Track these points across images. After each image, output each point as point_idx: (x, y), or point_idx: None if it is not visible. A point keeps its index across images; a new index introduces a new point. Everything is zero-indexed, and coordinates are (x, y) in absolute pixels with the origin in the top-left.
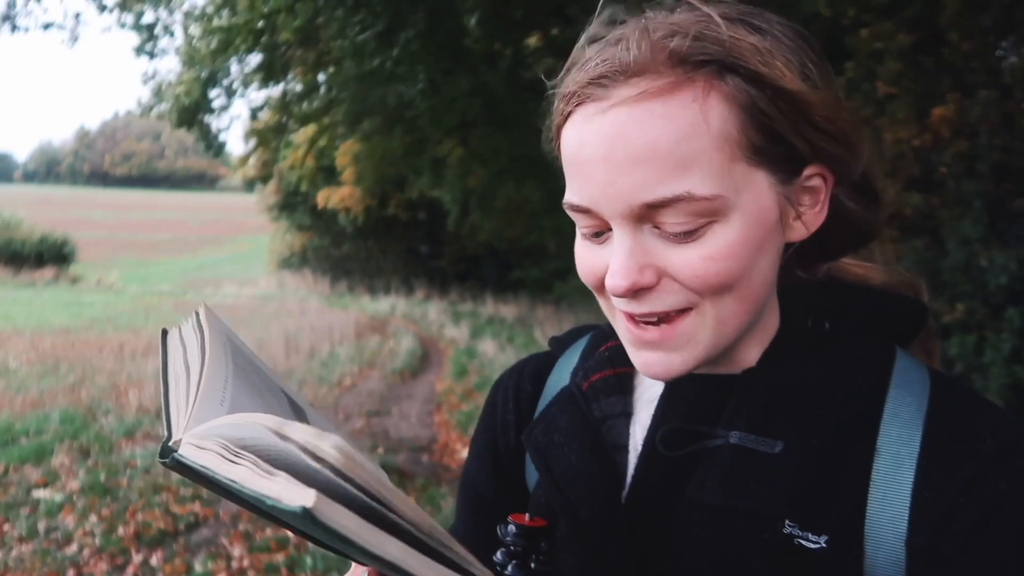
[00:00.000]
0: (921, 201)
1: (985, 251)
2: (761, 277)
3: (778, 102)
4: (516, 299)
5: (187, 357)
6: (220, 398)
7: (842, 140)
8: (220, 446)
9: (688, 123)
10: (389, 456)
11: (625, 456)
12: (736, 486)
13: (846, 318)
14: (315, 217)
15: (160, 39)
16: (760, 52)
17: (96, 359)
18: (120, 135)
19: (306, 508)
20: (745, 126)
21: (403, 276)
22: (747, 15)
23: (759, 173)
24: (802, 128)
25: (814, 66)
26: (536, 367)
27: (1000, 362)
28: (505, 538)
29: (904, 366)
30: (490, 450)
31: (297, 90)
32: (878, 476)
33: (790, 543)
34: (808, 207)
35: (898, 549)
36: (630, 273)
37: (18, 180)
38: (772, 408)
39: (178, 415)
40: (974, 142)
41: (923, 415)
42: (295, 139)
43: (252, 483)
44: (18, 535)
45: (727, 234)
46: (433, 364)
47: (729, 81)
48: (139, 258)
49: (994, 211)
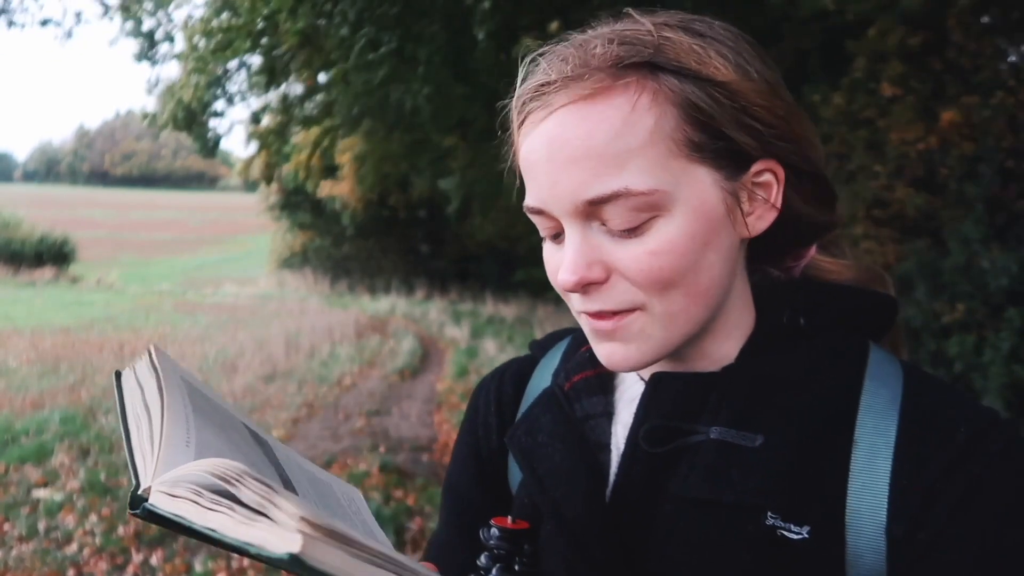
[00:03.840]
0: (923, 202)
1: (986, 252)
2: (709, 272)
3: (713, 95)
4: (516, 299)
5: (145, 398)
6: (185, 439)
7: (786, 132)
8: (193, 492)
9: (621, 121)
10: (389, 456)
11: (608, 455)
12: (719, 480)
13: (821, 314)
14: (316, 216)
15: (160, 45)
16: (694, 51)
17: (96, 359)
18: (120, 135)
19: (293, 554)
20: (680, 122)
21: (403, 276)
22: (686, 21)
23: (700, 169)
24: (743, 121)
25: (754, 60)
26: (517, 370)
27: (1000, 361)
28: (488, 541)
29: (878, 359)
30: (472, 454)
31: (298, 92)
32: (856, 466)
33: (773, 534)
34: (760, 203)
35: (878, 537)
36: (578, 269)
37: (18, 180)
38: (752, 403)
39: (144, 461)
40: (980, 144)
41: (898, 406)
42: (297, 141)
43: (233, 531)
44: (18, 535)
45: (670, 229)
46: (433, 364)
47: (661, 79)
48: (139, 258)
49: (995, 212)
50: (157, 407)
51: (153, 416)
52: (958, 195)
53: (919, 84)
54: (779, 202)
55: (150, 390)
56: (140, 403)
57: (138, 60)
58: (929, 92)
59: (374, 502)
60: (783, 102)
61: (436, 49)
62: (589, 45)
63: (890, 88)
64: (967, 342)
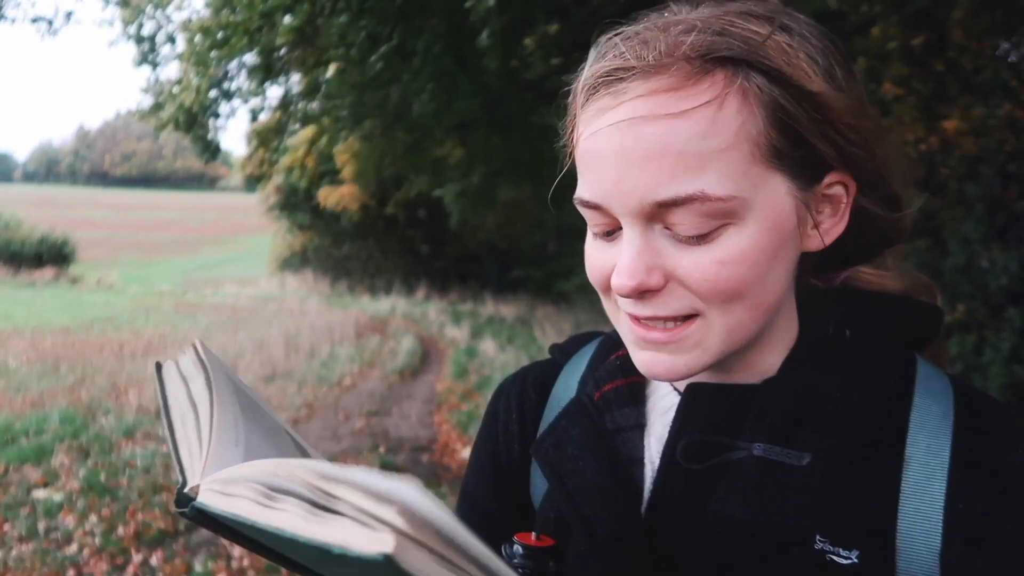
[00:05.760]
0: (924, 202)
1: (986, 252)
2: (774, 286)
3: (801, 103)
4: (516, 299)
5: (191, 393)
6: (234, 439)
7: (865, 147)
8: (253, 491)
9: (705, 120)
10: (389, 456)
11: (641, 470)
12: (762, 500)
13: (866, 325)
14: (315, 217)
15: (160, 48)
16: (784, 51)
17: (96, 359)
18: (120, 135)
19: (387, 555)
20: (766, 126)
21: (403, 276)
22: (774, 12)
23: (778, 177)
24: (825, 132)
25: (840, 68)
26: (540, 375)
27: (1000, 361)
28: (512, 560)
29: (927, 374)
30: (492, 462)
31: (296, 91)
32: (908, 488)
33: (822, 559)
34: (828, 216)
35: (932, 563)
36: (637, 273)
37: (18, 180)
38: (796, 418)
39: (191, 458)
40: (981, 144)
41: (950, 424)
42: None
43: (307, 530)
44: (18, 535)
45: (741, 239)
46: (433, 364)
47: (751, 79)
48: (139, 258)
49: (995, 213)
50: (205, 403)
51: (201, 412)
52: (958, 195)
53: (920, 85)
54: (847, 216)
55: (197, 385)
56: (185, 397)
57: (137, 65)
58: (930, 93)
59: None
60: (870, 120)
61: (436, 38)
62: (673, 30)
63: (892, 88)
64: (967, 342)
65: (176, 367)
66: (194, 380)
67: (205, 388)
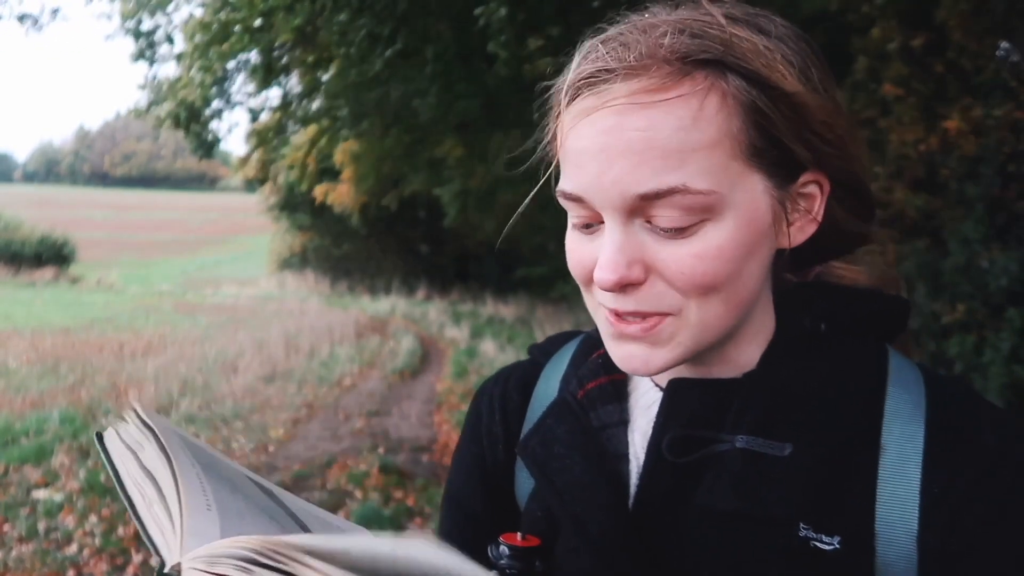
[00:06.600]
0: (924, 203)
1: (986, 252)
2: (749, 282)
3: (778, 104)
4: (516, 299)
5: (143, 462)
6: (205, 503)
7: (840, 147)
8: (238, 569)
9: (687, 115)
10: (389, 456)
11: (627, 465)
12: (747, 491)
13: (840, 319)
14: (315, 217)
15: (159, 46)
16: (762, 53)
17: (96, 359)
18: (120, 135)
19: None
20: (745, 125)
21: (403, 276)
22: (751, 15)
23: (755, 175)
24: (801, 133)
25: (816, 70)
26: (521, 376)
27: (1000, 361)
28: (499, 560)
29: (898, 364)
30: (476, 464)
31: (297, 91)
32: (885, 474)
33: (807, 546)
34: (802, 214)
35: (910, 546)
36: (618, 267)
37: (18, 180)
38: (777, 410)
39: (163, 534)
40: (981, 144)
41: (923, 412)
42: (295, 139)
43: None
44: (18, 535)
45: (719, 234)
46: (433, 364)
47: (729, 80)
48: (139, 258)
49: (995, 213)
50: (166, 470)
51: (161, 481)
52: (958, 195)
53: (920, 85)
54: (820, 215)
55: (149, 453)
56: (136, 467)
57: (135, 60)
58: (930, 93)
59: (374, 503)
60: (843, 119)
61: (446, 46)
62: (654, 32)
63: (891, 89)
64: (967, 342)
65: (117, 435)
66: (144, 447)
67: (159, 454)
